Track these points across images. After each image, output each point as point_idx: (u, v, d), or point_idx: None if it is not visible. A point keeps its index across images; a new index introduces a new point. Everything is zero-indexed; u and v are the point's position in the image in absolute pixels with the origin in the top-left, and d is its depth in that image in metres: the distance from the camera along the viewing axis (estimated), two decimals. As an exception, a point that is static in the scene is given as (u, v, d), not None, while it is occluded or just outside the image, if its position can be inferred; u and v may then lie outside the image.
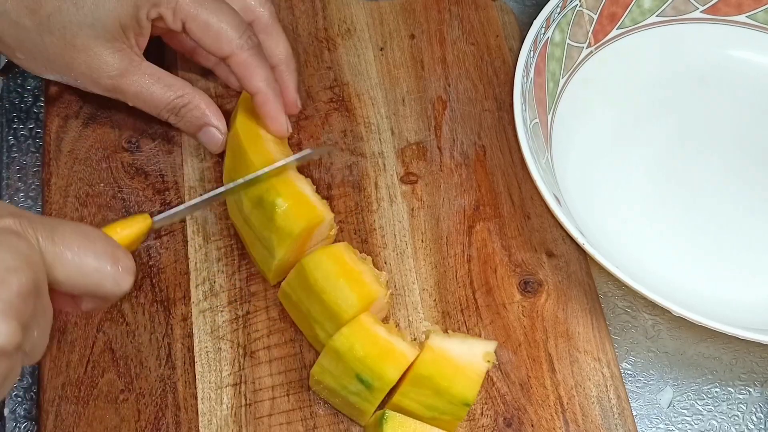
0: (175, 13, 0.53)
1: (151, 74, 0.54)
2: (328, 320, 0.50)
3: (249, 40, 0.54)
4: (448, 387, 0.48)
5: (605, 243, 0.58)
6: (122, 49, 0.53)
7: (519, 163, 0.62)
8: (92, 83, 0.54)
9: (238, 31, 0.53)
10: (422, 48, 0.66)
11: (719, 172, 0.63)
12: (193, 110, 0.55)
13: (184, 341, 0.54)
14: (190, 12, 0.53)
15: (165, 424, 0.51)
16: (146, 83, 0.54)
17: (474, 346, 0.50)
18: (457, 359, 0.49)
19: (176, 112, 0.55)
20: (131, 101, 0.55)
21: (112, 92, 0.54)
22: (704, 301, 0.57)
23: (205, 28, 0.53)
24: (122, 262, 0.41)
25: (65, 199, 0.58)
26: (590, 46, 0.64)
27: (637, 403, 0.55)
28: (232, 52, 0.54)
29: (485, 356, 0.50)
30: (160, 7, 0.53)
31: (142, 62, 0.54)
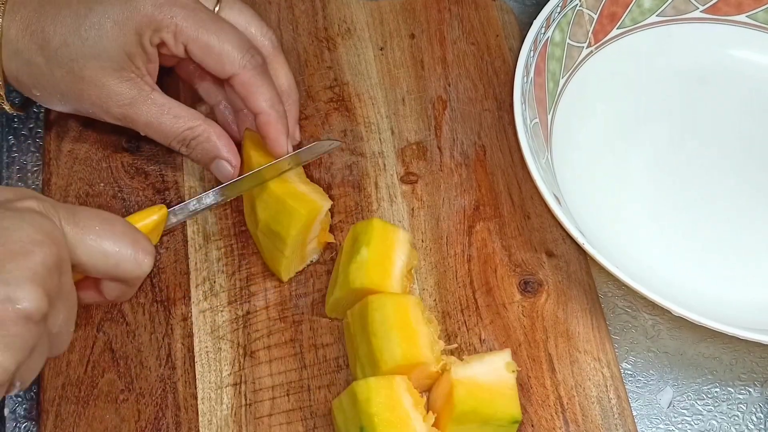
0: (176, 37, 0.52)
1: (161, 105, 0.53)
2: (369, 364, 0.50)
3: (252, 60, 0.53)
4: (493, 413, 0.48)
5: (605, 243, 0.58)
6: (131, 78, 0.53)
7: (519, 163, 0.61)
8: (104, 113, 0.54)
9: (240, 50, 0.53)
10: (422, 48, 0.66)
11: (719, 172, 0.63)
12: (204, 143, 0.54)
13: (185, 341, 0.54)
14: (190, 35, 0.52)
15: (165, 424, 0.51)
16: (155, 113, 0.53)
17: (493, 362, 0.50)
18: (488, 383, 0.49)
19: (186, 144, 0.54)
20: (143, 130, 0.54)
21: (124, 121, 0.54)
22: (704, 301, 0.57)
23: (207, 50, 0.52)
24: (141, 244, 0.43)
25: (65, 199, 0.58)
26: (590, 46, 0.64)
27: (637, 403, 0.55)
28: (234, 71, 0.53)
29: (507, 367, 0.50)
30: (161, 32, 0.52)
31: (152, 92, 0.53)
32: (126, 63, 0.52)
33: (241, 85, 0.53)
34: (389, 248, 0.52)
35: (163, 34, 0.52)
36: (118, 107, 0.53)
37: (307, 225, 0.53)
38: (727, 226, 0.60)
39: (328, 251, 0.58)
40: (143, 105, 0.53)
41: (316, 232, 0.55)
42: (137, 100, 0.53)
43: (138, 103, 0.53)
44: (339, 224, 0.59)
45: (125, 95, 0.53)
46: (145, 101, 0.53)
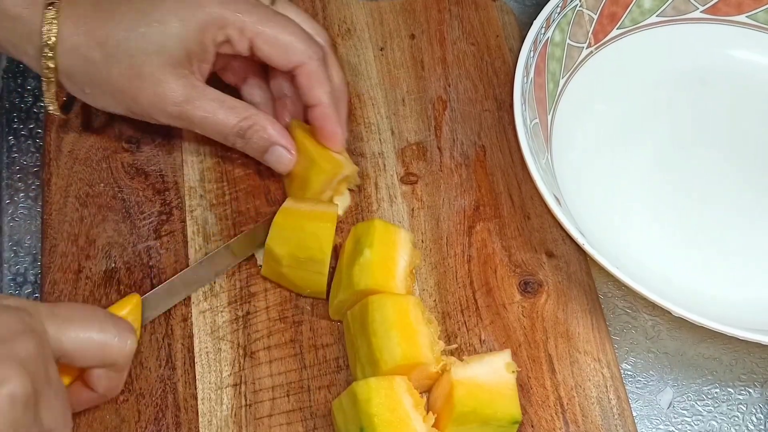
0: (242, 33, 0.53)
1: (215, 98, 0.54)
2: (369, 364, 0.50)
3: (317, 51, 0.54)
4: (493, 414, 0.49)
5: (605, 243, 0.58)
6: (186, 76, 0.53)
7: (519, 163, 0.61)
8: (159, 111, 0.54)
9: (305, 42, 0.54)
10: (422, 48, 0.66)
11: (719, 173, 0.62)
12: (260, 131, 0.55)
13: (184, 342, 0.54)
14: (257, 29, 0.53)
15: (165, 424, 0.51)
16: (211, 108, 0.54)
17: (493, 362, 0.50)
18: (488, 383, 0.49)
19: (242, 135, 0.55)
20: (198, 128, 0.55)
21: (179, 119, 0.54)
22: (704, 302, 0.56)
23: (274, 43, 0.53)
24: (123, 324, 0.46)
25: (65, 199, 0.58)
26: (590, 46, 0.64)
27: (637, 404, 0.55)
28: (301, 62, 0.54)
29: (507, 368, 0.50)
30: (227, 29, 0.53)
31: (206, 88, 0.54)
32: (184, 60, 0.53)
33: (306, 76, 0.54)
34: (392, 249, 0.53)
35: (229, 30, 0.53)
36: (174, 105, 0.53)
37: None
38: (728, 226, 0.60)
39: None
40: (199, 101, 0.53)
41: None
42: (193, 96, 0.53)
43: (194, 100, 0.53)
44: (340, 225, 0.59)
45: (181, 92, 0.53)
46: (200, 97, 0.53)
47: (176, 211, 0.59)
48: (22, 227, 0.59)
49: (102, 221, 0.58)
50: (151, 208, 0.59)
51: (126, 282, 0.56)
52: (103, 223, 0.58)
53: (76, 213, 0.58)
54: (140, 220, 0.58)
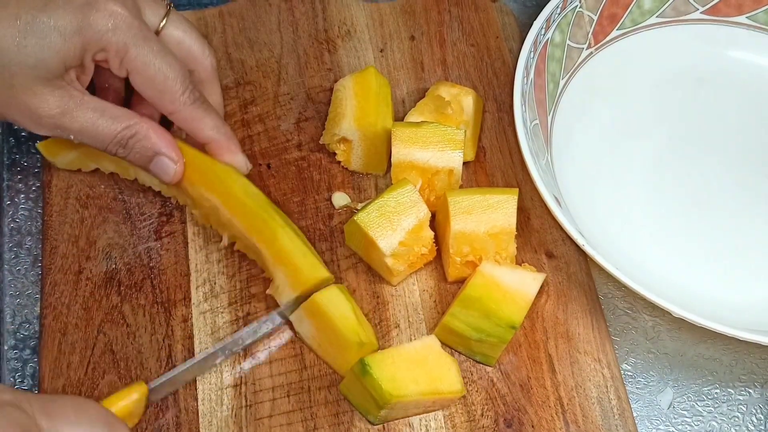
0: (122, 63, 0.51)
1: (95, 108, 0.52)
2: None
3: (191, 95, 0.53)
4: (496, 310, 0.51)
5: (605, 244, 0.58)
6: (62, 86, 0.51)
7: (519, 164, 0.61)
8: (33, 123, 0.52)
9: (182, 86, 0.52)
10: (422, 49, 0.66)
11: (719, 173, 0.62)
12: (142, 140, 0.53)
13: (185, 342, 0.54)
14: (137, 65, 0.51)
15: (165, 425, 0.51)
16: (90, 118, 0.52)
17: (523, 276, 0.53)
18: (506, 285, 0.52)
19: (124, 144, 0.53)
20: (76, 138, 0.53)
21: (55, 131, 0.52)
22: (704, 303, 0.56)
23: (150, 84, 0.52)
24: (116, 428, 0.44)
25: (66, 201, 0.58)
26: (590, 47, 0.64)
27: (637, 404, 0.55)
28: (174, 109, 0.53)
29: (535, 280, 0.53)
30: (108, 53, 0.51)
31: (84, 96, 0.52)
32: (61, 73, 0.51)
33: (183, 121, 0.54)
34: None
35: (110, 55, 0.51)
36: (49, 117, 0.51)
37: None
38: (727, 226, 0.60)
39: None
40: (76, 111, 0.51)
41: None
42: (70, 107, 0.51)
43: (70, 111, 0.51)
44: (339, 225, 0.59)
45: (56, 104, 0.51)
46: (78, 107, 0.51)
47: (177, 213, 0.59)
48: (22, 228, 0.59)
49: (102, 223, 0.58)
50: (151, 209, 0.59)
51: (126, 283, 0.56)
52: (104, 225, 0.58)
53: (76, 214, 0.58)
54: (141, 221, 0.58)
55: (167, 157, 0.54)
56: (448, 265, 0.55)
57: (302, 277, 0.52)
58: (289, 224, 0.54)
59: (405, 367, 0.49)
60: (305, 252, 0.53)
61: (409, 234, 0.54)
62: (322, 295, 0.51)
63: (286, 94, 0.64)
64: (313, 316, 0.52)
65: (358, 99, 0.59)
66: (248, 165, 0.57)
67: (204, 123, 0.54)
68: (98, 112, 0.52)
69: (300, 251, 0.53)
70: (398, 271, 0.55)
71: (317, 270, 0.52)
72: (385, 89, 0.60)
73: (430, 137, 0.56)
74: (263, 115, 0.63)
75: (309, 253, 0.53)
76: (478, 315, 0.51)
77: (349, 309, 0.51)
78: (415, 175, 0.57)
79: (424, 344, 0.51)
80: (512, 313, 0.51)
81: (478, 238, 0.53)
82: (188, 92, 0.53)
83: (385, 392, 0.48)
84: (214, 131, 0.55)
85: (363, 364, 0.49)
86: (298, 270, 0.52)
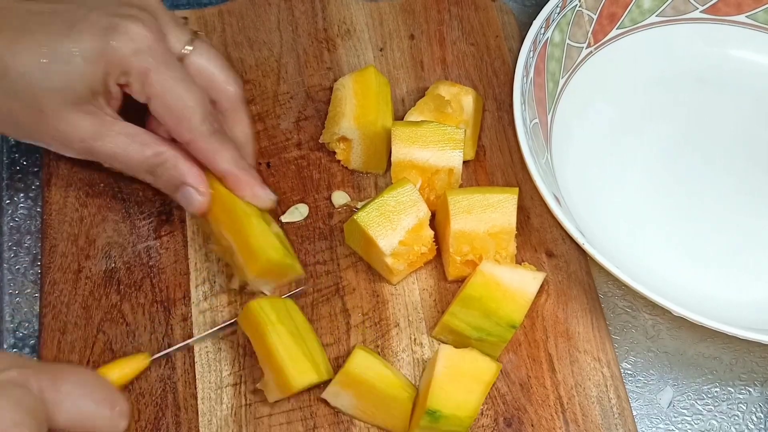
0: (143, 87, 0.51)
1: (126, 133, 0.52)
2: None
3: (210, 126, 0.52)
4: (495, 309, 0.51)
5: (605, 243, 0.58)
6: (93, 112, 0.51)
7: (519, 163, 0.61)
8: (64, 147, 0.52)
9: (201, 116, 0.51)
10: (422, 48, 0.66)
11: (719, 172, 0.62)
12: (170, 169, 0.53)
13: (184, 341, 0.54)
14: (156, 91, 0.50)
15: (165, 424, 0.51)
16: (121, 143, 0.52)
17: (523, 275, 0.52)
18: (507, 284, 0.52)
19: (152, 171, 0.53)
20: (107, 163, 0.53)
21: (86, 155, 0.53)
22: (704, 301, 0.56)
23: (169, 111, 0.51)
24: (119, 406, 0.45)
25: (65, 200, 0.58)
26: (590, 46, 0.64)
27: (637, 403, 0.55)
28: (191, 139, 0.52)
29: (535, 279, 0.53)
30: (129, 77, 0.50)
31: (116, 122, 0.52)
32: (89, 97, 0.51)
33: (199, 152, 0.53)
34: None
35: (132, 79, 0.50)
36: (80, 141, 0.51)
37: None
38: (728, 225, 0.60)
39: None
40: (107, 137, 0.52)
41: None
42: (101, 132, 0.51)
43: (102, 136, 0.51)
44: (339, 224, 0.59)
45: (88, 129, 0.51)
46: (108, 132, 0.52)
47: (176, 211, 0.59)
48: (22, 227, 0.59)
49: (102, 221, 0.58)
50: (150, 208, 0.59)
51: (126, 282, 0.56)
52: (103, 223, 0.58)
53: (76, 213, 0.58)
54: (140, 220, 0.58)
55: (194, 188, 0.53)
56: (448, 265, 0.55)
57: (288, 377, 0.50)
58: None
59: (455, 389, 0.49)
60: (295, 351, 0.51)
61: (409, 233, 0.54)
62: (355, 364, 0.50)
63: (285, 93, 0.64)
64: (350, 387, 0.51)
65: (357, 98, 0.59)
66: (272, 198, 0.54)
67: (220, 156, 0.53)
68: (129, 137, 0.52)
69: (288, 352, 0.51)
70: (398, 271, 0.55)
71: (305, 375, 0.51)
72: (384, 88, 0.60)
73: (430, 136, 0.56)
74: (263, 113, 0.63)
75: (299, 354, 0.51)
76: (478, 314, 0.51)
77: (383, 366, 0.51)
78: (415, 175, 0.57)
79: (444, 356, 0.50)
80: (512, 312, 0.51)
81: (478, 238, 0.53)
82: (207, 123, 0.52)
83: (464, 419, 0.49)
84: (230, 164, 0.53)
85: (431, 413, 0.48)
86: (284, 371, 0.50)
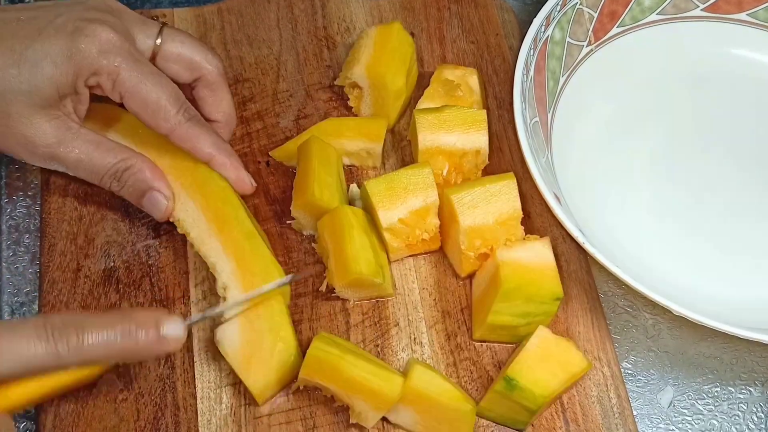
0: (114, 86, 0.52)
1: (91, 140, 0.53)
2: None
3: (185, 114, 0.53)
4: (536, 291, 0.52)
5: (605, 242, 0.57)
6: (59, 117, 0.52)
7: (519, 162, 0.61)
8: (28, 153, 0.53)
9: (175, 106, 0.52)
10: (421, 46, 0.66)
11: (721, 171, 0.62)
12: (136, 174, 0.53)
13: (184, 340, 0.54)
14: (129, 87, 0.52)
15: (164, 423, 0.51)
16: (86, 150, 0.52)
17: (535, 247, 0.53)
18: (531, 264, 0.52)
19: (118, 177, 0.53)
20: (71, 170, 0.54)
21: (50, 161, 0.53)
22: (705, 300, 0.56)
23: (143, 105, 0.52)
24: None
25: (64, 198, 0.58)
26: (590, 44, 0.64)
27: (637, 403, 0.55)
28: (170, 128, 0.53)
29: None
30: (100, 77, 0.51)
31: (81, 129, 0.53)
32: (55, 101, 0.51)
33: (180, 140, 0.54)
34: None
35: (102, 79, 0.51)
36: (45, 147, 0.52)
37: None
38: (729, 224, 0.60)
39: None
40: (72, 143, 0.52)
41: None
42: (66, 138, 0.52)
43: (66, 142, 0.52)
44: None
45: (53, 134, 0.52)
46: (74, 139, 0.52)
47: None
48: (20, 226, 0.58)
49: (101, 220, 0.58)
50: (149, 206, 0.58)
51: (125, 281, 0.56)
52: (102, 222, 0.58)
53: (74, 212, 0.58)
54: (139, 219, 0.58)
55: (160, 192, 0.54)
56: (459, 262, 0.55)
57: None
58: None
59: (539, 367, 0.50)
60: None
61: (412, 214, 0.54)
62: (415, 379, 0.50)
63: (285, 91, 0.64)
64: (411, 403, 0.50)
65: (375, 48, 0.60)
66: (253, 183, 0.56)
67: (202, 140, 0.54)
68: (93, 144, 0.53)
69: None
70: (393, 248, 0.55)
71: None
72: (406, 47, 0.61)
73: (454, 120, 0.57)
74: (262, 112, 0.63)
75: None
76: (521, 302, 0.52)
77: (442, 379, 0.51)
78: (442, 160, 0.57)
79: (539, 336, 0.51)
80: (551, 285, 0.52)
81: (488, 230, 0.53)
82: (182, 111, 0.53)
83: (538, 396, 0.49)
84: (213, 148, 0.54)
85: (508, 380, 0.49)
86: None
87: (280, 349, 0.51)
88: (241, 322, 0.51)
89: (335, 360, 0.49)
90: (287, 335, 0.51)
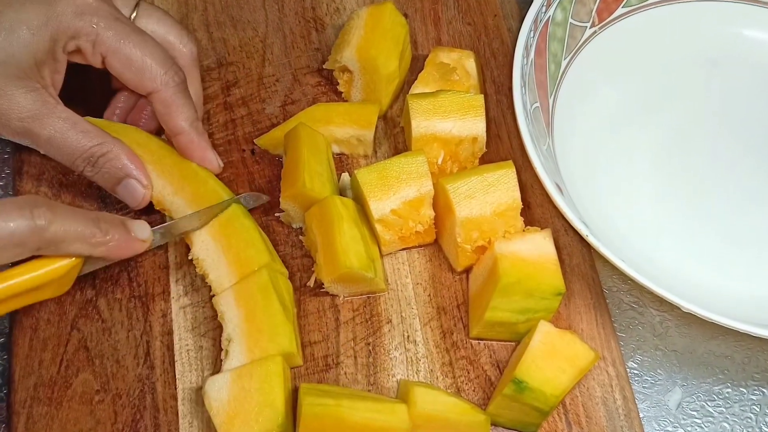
0: (95, 46, 0.51)
1: (67, 119, 0.51)
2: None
3: (175, 76, 0.53)
4: (537, 285, 0.51)
5: (610, 234, 0.57)
6: (36, 89, 0.51)
7: (519, 150, 0.60)
8: (1, 127, 0.51)
9: (163, 66, 0.52)
10: (415, 28, 0.66)
11: (731, 159, 0.62)
12: (113, 160, 0.52)
13: (164, 339, 0.53)
14: (111, 45, 0.51)
15: (143, 426, 0.51)
16: (61, 128, 0.51)
17: (534, 239, 0.52)
18: (531, 257, 0.52)
19: (93, 162, 0.52)
20: (43, 147, 0.52)
21: (22, 136, 0.52)
22: (715, 296, 0.56)
23: (128, 63, 0.52)
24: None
25: (38, 188, 0.58)
26: (594, 26, 0.63)
27: (644, 405, 0.54)
28: (155, 88, 0.52)
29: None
30: (78, 40, 0.51)
31: (57, 105, 0.51)
32: (32, 72, 0.51)
33: (161, 103, 0.53)
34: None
35: (81, 41, 0.51)
36: (18, 120, 0.50)
37: None
38: (740, 216, 0.59)
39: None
40: (47, 118, 0.51)
41: None
42: (42, 113, 0.51)
43: (42, 117, 0.51)
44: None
45: (28, 107, 0.50)
46: (50, 114, 0.51)
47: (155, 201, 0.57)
48: (-8, 218, 0.57)
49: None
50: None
51: (101, 276, 0.55)
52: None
53: (49, 202, 0.56)
54: (116, 210, 0.57)
55: (137, 180, 0.53)
56: (455, 255, 0.54)
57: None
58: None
59: (547, 365, 0.49)
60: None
61: (405, 205, 0.53)
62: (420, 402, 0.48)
63: (271, 75, 0.63)
64: (423, 428, 0.49)
65: (366, 30, 0.60)
66: (220, 164, 0.56)
67: (180, 111, 0.53)
68: (70, 123, 0.51)
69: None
70: (386, 241, 0.54)
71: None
72: (399, 28, 0.60)
73: (450, 106, 0.56)
74: (247, 97, 0.62)
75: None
76: (520, 298, 0.51)
77: (444, 395, 0.50)
78: (437, 147, 0.56)
79: (542, 332, 0.50)
80: (553, 280, 0.51)
81: (486, 221, 0.53)
82: (171, 73, 0.52)
83: (550, 396, 0.48)
84: (187, 123, 0.54)
85: (518, 383, 0.48)
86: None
87: (267, 415, 0.48)
88: (232, 377, 0.49)
89: (333, 410, 0.47)
90: (277, 401, 0.48)
